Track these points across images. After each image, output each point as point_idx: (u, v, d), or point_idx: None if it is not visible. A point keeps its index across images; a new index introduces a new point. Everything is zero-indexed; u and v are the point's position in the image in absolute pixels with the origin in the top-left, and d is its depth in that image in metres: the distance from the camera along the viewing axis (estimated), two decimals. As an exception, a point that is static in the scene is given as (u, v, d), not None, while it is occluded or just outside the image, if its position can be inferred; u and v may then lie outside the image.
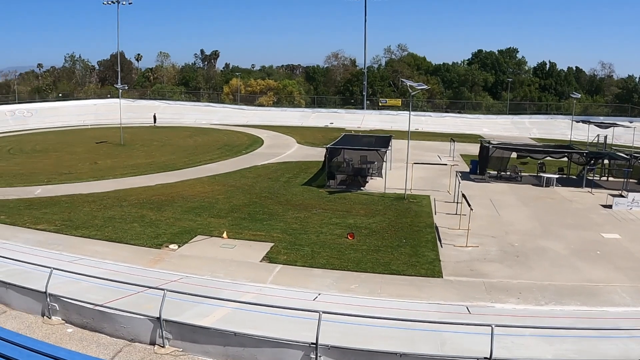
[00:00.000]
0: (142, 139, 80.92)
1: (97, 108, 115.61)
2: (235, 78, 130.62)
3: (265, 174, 50.95)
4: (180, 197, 41.27)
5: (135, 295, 17.51)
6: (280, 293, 21.76)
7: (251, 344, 13.77)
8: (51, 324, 16.69)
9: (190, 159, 61.14)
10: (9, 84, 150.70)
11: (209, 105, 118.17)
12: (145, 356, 14.35)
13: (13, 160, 66.56)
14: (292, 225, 33.52)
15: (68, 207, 39.17)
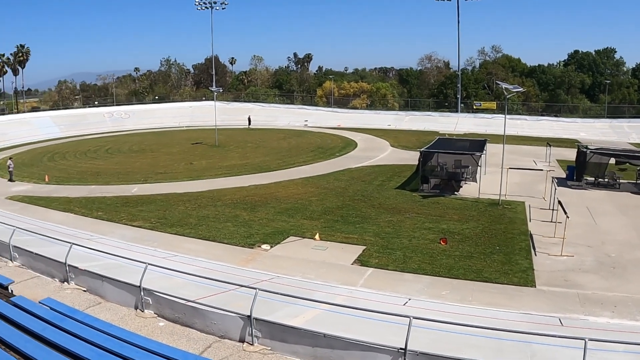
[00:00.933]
0: (237, 141, 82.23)
1: (192, 110, 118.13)
2: (329, 81, 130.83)
3: (358, 176, 50.91)
4: (273, 198, 41.75)
5: (226, 293, 17.76)
6: (370, 296, 21.61)
7: (340, 346, 13.73)
8: (144, 317, 17.11)
9: (284, 160, 61.73)
10: (107, 87, 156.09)
11: (303, 107, 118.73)
12: (234, 353, 14.46)
13: (111, 159, 68.99)
14: (385, 228, 33.38)
15: (163, 206, 40.36)
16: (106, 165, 64.49)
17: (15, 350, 11.01)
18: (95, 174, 57.35)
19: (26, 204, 43.64)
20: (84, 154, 75.58)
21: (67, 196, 45.83)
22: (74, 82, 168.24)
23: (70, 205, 42.23)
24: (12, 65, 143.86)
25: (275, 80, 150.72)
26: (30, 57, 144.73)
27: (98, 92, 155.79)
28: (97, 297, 18.99)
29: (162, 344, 13.09)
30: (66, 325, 13.01)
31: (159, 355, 11.58)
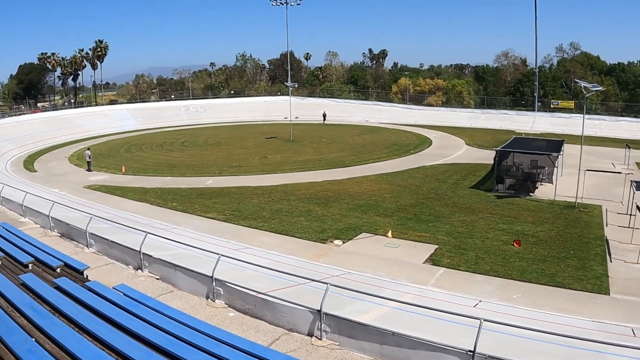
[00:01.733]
0: (311, 136, 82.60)
1: (267, 105, 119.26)
2: (404, 77, 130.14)
3: (432, 174, 50.37)
4: (347, 194, 41.72)
5: (297, 286, 17.85)
6: (440, 296, 21.32)
7: (408, 345, 13.64)
8: (214, 306, 17.42)
9: (358, 156, 61.58)
10: (183, 81, 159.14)
11: (377, 104, 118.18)
12: (302, 346, 14.58)
13: (187, 152, 70.26)
14: (458, 228, 32.94)
15: (237, 198, 40.80)
16: (181, 157, 65.69)
17: (88, 333, 11.29)
18: (170, 166, 58.50)
19: (103, 193, 44.84)
20: (160, 146, 77.16)
21: (142, 187, 46.89)
22: (150, 76, 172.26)
23: (146, 195, 43.20)
24: (91, 60, 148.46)
25: (350, 76, 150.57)
26: (108, 52, 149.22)
27: (174, 86, 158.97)
28: (170, 285, 19.44)
29: (231, 334, 13.21)
30: (138, 311, 13.31)
31: (228, 345, 11.71)
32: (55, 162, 66.53)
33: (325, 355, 14.15)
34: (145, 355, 10.29)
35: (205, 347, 11.26)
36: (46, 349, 10.14)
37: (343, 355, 14.21)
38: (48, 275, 16.52)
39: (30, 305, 12.37)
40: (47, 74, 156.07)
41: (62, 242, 25.68)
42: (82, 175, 54.49)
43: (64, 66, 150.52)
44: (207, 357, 10.75)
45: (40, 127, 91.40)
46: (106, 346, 10.70)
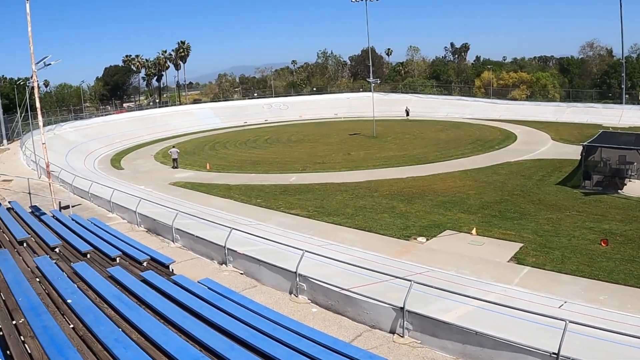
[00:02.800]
0: (394, 132, 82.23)
1: (349, 101, 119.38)
2: (487, 71, 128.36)
3: (518, 170, 49.33)
4: (430, 191, 41.37)
5: (380, 283, 17.73)
6: (524, 296, 20.79)
7: (490, 345, 13.42)
8: (297, 302, 17.56)
9: (441, 152, 60.96)
10: (265, 79, 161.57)
11: (460, 98, 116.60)
12: (384, 343, 14.53)
13: (270, 149, 71.07)
14: (544, 226, 32.14)
15: (320, 195, 40.99)
16: (265, 154, 66.51)
17: (173, 324, 11.55)
18: (254, 163, 59.31)
19: (188, 189, 45.87)
20: (243, 144, 78.34)
21: (227, 183, 47.66)
22: (233, 75, 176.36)
23: (230, 192, 43.90)
24: (174, 61, 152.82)
25: (432, 71, 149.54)
26: (190, 53, 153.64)
27: (256, 84, 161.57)
28: (253, 280, 19.70)
29: (313, 329, 13.28)
30: (223, 305, 13.52)
31: (310, 340, 11.78)
32: (141, 160, 68.51)
33: (406, 353, 14.07)
34: (228, 348, 10.45)
35: (288, 342, 11.36)
36: (132, 339, 10.42)
37: (425, 354, 14.10)
38: (135, 268, 16.98)
39: (117, 297, 12.73)
40: (131, 75, 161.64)
41: (148, 236, 26.37)
42: (167, 173, 55.84)
43: (147, 67, 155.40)
44: (289, 351, 10.84)
45: (126, 126, 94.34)
46: (190, 338, 10.92)
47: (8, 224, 21.22)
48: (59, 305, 12.17)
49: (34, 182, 38.04)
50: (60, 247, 18.68)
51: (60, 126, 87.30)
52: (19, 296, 11.86)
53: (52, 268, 14.61)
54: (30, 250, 17.85)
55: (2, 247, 17.53)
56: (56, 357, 9.08)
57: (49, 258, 15.86)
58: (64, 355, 9.11)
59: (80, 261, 16.24)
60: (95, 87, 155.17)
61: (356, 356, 11.21)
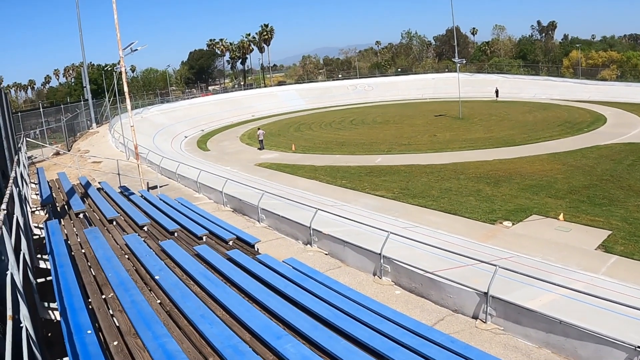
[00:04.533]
0: (480, 113, 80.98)
1: (435, 82, 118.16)
2: (575, 50, 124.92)
3: (607, 154, 47.68)
4: (517, 174, 40.60)
5: (464, 267, 17.67)
6: (612, 286, 20.19)
7: (575, 335, 13.13)
8: (381, 283, 17.59)
9: (529, 135, 59.59)
10: (349, 60, 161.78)
11: (548, 79, 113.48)
12: (466, 328, 14.47)
13: (355, 130, 71.08)
14: (634, 213, 30.92)
15: (406, 177, 40.77)
16: (350, 135, 66.52)
17: (257, 302, 11.66)
18: (339, 144, 59.40)
19: (274, 170, 46.24)
20: (328, 125, 78.58)
21: (312, 164, 47.90)
22: (317, 56, 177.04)
23: (315, 173, 44.10)
24: (258, 44, 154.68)
25: (519, 50, 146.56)
26: (274, 36, 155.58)
27: (341, 65, 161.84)
28: (338, 261, 19.80)
29: (396, 311, 13.23)
30: (307, 284, 13.60)
31: (392, 322, 11.75)
32: (227, 141, 69.53)
33: (488, 339, 13.96)
34: (311, 327, 10.50)
35: (370, 323, 11.36)
36: (217, 315, 10.57)
37: (507, 341, 13.96)
38: (221, 247, 17.23)
39: (204, 274, 12.93)
40: (216, 58, 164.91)
41: (234, 216, 26.76)
42: (253, 154, 56.50)
43: (232, 51, 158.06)
44: (371, 332, 10.83)
45: (211, 109, 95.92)
46: (274, 316, 11.01)
47: (98, 203, 21.81)
48: (147, 281, 12.45)
49: (123, 163, 39.11)
50: (148, 225, 19.09)
51: (147, 109, 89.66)
52: (108, 272, 12.18)
53: (140, 245, 14.95)
54: (119, 228, 18.30)
55: (93, 225, 18.04)
56: (143, 331, 9.30)
57: (138, 236, 16.21)
58: (150, 329, 9.32)
59: (168, 239, 16.57)
60: (180, 71, 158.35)
61: (438, 340, 11.13)
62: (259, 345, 9.65)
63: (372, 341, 10.38)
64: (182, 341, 9.46)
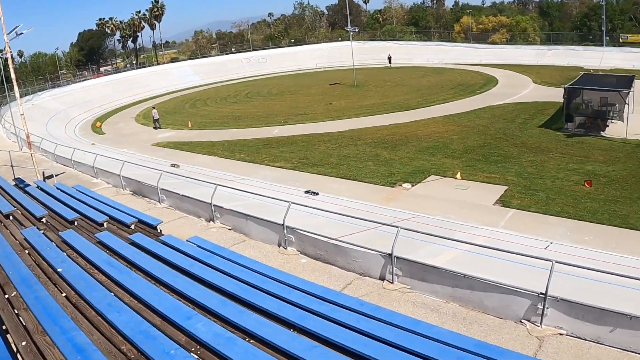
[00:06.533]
0: (375, 80, 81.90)
1: (329, 51, 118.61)
2: (466, 16, 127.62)
3: (500, 114, 49.48)
4: (414, 137, 41.52)
5: (368, 231, 17.97)
6: (511, 238, 21.07)
7: (479, 287, 13.60)
8: (287, 254, 17.67)
9: (423, 98, 60.90)
10: (242, 33, 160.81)
11: (440, 44, 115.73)
12: (374, 290, 14.70)
13: (251, 103, 71.05)
14: (528, 169, 32.46)
15: (304, 146, 41.09)
16: (246, 109, 66.31)
17: (165, 284, 11.63)
18: (236, 118, 59.22)
19: (171, 149, 45.76)
20: (224, 100, 78.05)
21: (209, 140, 47.60)
22: (209, 31, 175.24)
23: (214, 148, 43.87)
24: (149, 21, 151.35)
25: (411, 17, 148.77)
26: (165, 12, 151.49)
27: (234, 39, 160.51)
28: (242, 235, 19.81)
29: (304, 280, 13.41)
30: (212, 261, 13.61)
31: (300, 291, 11.89)
32: (122, 123, 68.13)
33: (397, 299, 14.26)
34: (220, 304, 10.54)
35: (279, 294, 11.47)
36: (125, 302, 10.48)
37: (415, 299, 14.30)
38: (123, 232, 16.97)
39: (107, 261, 12.75)
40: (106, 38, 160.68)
41: (134, 199, 26.33)
42: (150, 134, 55.56)
43: (122, 29, 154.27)
44: (280, 303, 10.95)
45: (104, 90, 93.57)
46: (182, 296, 11.00)
47: (-8, 199, 21.11)
48: (50, 275, 12.18)
49: (16, 154, 37.61)
50: (46, 217, 18.60)
51: (38, 96, 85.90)
52: (9, 270, 11.86)
53: (40, 239, 14.58)
54: (17, 222, 17.78)
55: (-13, 221, 17.49)
56: (51, 327, 9.13)
57: (36, 229, 15.81)
58: (57, 324, 9.16)
59: (68, 229, 16.18)
60: (70, 54, 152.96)
61: (347, 304, 11.33)
62: (170, 328, 9.65)
63: (282, 311, 10.50)
64: (92, 333, 9.35)
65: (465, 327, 12.79)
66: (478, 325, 12.95)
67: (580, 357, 11.81)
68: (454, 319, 13.28)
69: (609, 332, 12.19)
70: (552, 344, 12.24)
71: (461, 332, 11.97)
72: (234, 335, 9.31)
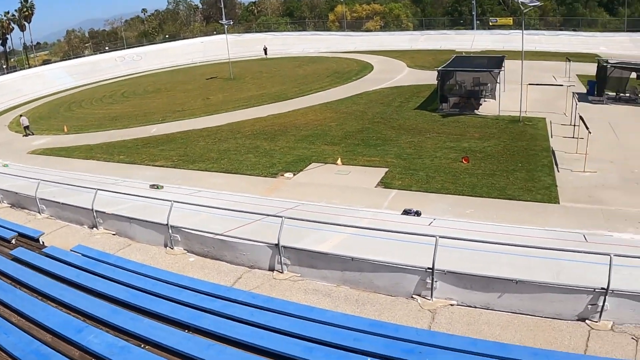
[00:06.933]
0: (252, 72, 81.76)
1: (204, 46, 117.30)
2: (340, 5, 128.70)
3: (377, 99, 50.56)
4: (293, 126, 41.81)
5: (253, 223, 17.90)
6: (395, 218, 21.84)
7: (368, 268, 13.95)
8: (174, 254, 17.47)
9: (300, 88, 61.31)
10: (116, 31, 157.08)
11: (315, 33, 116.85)
12: (265, 282, 14.81)
13: (128, 102, 69.49)
14: (406, 150, 33.42)
15: (184, 143, 40.66)
16: (123, 108, 64.71)
17: (52, 299, 11.28)
18: (113, 119, 57.63)
19: (48, 156, 44.01)
20: (100, 100, 75.84)
21: (87, 144, 46.12)
22: (82, 30, 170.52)
23: (92, 152, 42.62)
24: (18, 22, 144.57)
25: (286, 8, 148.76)
26: (35, 12, 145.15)
27: (107, 37, 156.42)
28: (127, 239, 19.43)
29: (193, 278, 13.47)
30: (99, 269, 13.30)
31: (191, 290, 11.86)
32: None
33: (288, 288, 14.42)
34: (111, 313, 10.36)
35: (170, 295, 11.38)
36: (12, 322, 10.12)
37: (306, 286, 14.50)
38: (3, 248, 16.30)
39: (-12, 280, 12.29)
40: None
41: (13, 212, 25.27)
42: (25, 142, 53.28)
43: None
44: (172, 304, 10.88)
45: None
46: (71, 309, 10.71)
47: None
48: None
49: None
50: None
51: None
52: None
53: None
54: None
55: None
56: None
57: None
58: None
59: (-56, 250, 15.46)
60: None
61: (239, 299, 11.38)
62: (62, 344, 9.39)
63: (175, 313, 10.45)
64: (-22, 359, 8.99)
65: (359, 309, 13.08)
66: (371, 305, 13.27)
67: (472, 324, 12.32)
68: (347, 301, 13.54)
69: (497, 298, 12.84)
70: (445, 315, 12.71)
71: (355, 314, 12.30)
72: (128, 344, 9.20)
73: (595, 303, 12.39)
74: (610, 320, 12.33)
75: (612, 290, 12.15)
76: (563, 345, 11.65)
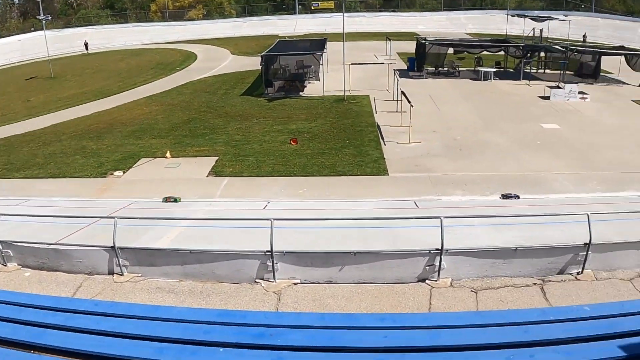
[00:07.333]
0: (74, 69, 78.65)
1: (22, 44, 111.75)
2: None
3: (202, 88, 50.36)
4: (118, 123, 40.65)
5: (87, 228, 17.31)
6: (230, 205, 21.94)
7: (208, 259, 14.01)
8: (7, 271, 16.43)
9: (124, 82, 59.72)
10: None
11: (138, 25, 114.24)
12: (106, 287, 14.41)
13: (-64, 115, 64.72)
14: (235, 136, 33.53)
15: (6, 150, 38.30)
16: None
17: None
18: None
19: None
20: None
21: None
22: None
23: None
24: None
25: (106, 0, 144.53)
26: None
27: None
28: (-49, 263, 18.07)
29: (31, 294, 12.91)
30: None
31: (30, 307, 11.16)
32: None
33: (131, 290, 14.18)
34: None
35: (8, 316, 10.63)
36: None
37: (148, 285, 14.33)
38: None
39: None
40: None
41: None
42: None
43: None
44: (12, 325, 10.17)
45: None
46: None
47: None
48: None
49: None
50: None
51: None
52: None
53: None
54: None
55: None
56: None
57: None
58: None
59: None
60: None
61: (81, 308, 10.90)
62: None
63: (17, 334, 9.78)
64: None
65: (205, 300, 13.16)
66: (216, 295, 13.37)
67: (318, 300, 12.77)
68: (192, 295, 13.55)
69: (338, 272, 13.43)
70: (290, 295, 13.07)
71: (201, 307, 12.45)
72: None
73: (433, 264, 13.30)
74: (448, 277, 13.34)
75: (447, 249, 13.04)
76: (408, 307, 12.37)
